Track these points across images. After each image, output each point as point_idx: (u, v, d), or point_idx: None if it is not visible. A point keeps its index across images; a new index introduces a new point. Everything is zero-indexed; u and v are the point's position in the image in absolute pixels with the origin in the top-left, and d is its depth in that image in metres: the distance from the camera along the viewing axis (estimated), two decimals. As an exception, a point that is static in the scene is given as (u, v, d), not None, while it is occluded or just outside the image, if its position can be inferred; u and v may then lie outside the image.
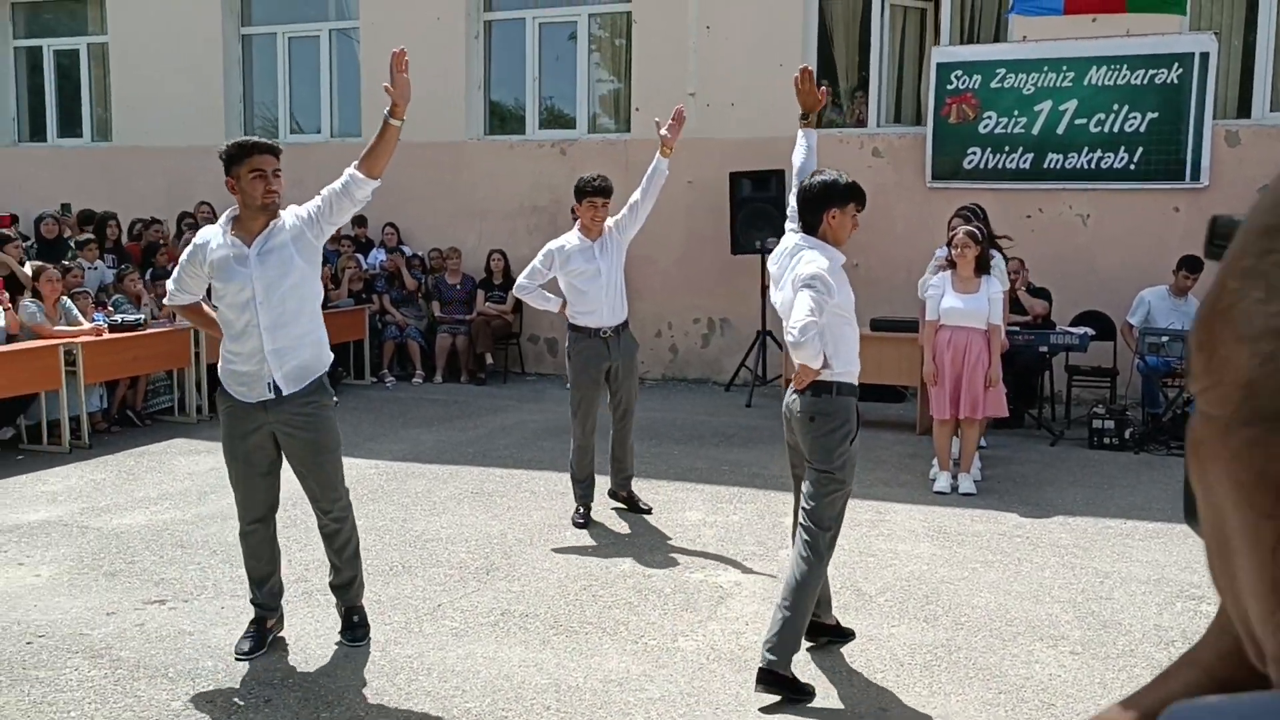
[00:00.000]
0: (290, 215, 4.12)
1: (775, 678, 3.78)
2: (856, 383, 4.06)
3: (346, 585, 4.37)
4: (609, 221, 5.95)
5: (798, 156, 4.46)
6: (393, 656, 4.22)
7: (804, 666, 4.10)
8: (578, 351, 6.00)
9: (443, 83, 12.09)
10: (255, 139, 4.17)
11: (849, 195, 4.01)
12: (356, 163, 4.08)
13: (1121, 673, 4.13)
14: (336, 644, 4.35)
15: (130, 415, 8.94)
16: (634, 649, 4.33)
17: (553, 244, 6.03)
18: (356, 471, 7.29)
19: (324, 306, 10.58)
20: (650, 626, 4.58)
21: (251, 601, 4.34)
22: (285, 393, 4.07)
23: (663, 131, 6.00)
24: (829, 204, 4.00)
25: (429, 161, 12.09)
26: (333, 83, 12.96)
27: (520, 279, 6.10)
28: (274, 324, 4.03)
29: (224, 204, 4.22)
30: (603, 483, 6.30)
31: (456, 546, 5.68)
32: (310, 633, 4.46)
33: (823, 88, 4.69)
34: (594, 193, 5.85)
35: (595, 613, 4.73)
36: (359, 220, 12.29)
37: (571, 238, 5.98)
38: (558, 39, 12.05)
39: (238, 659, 4.15)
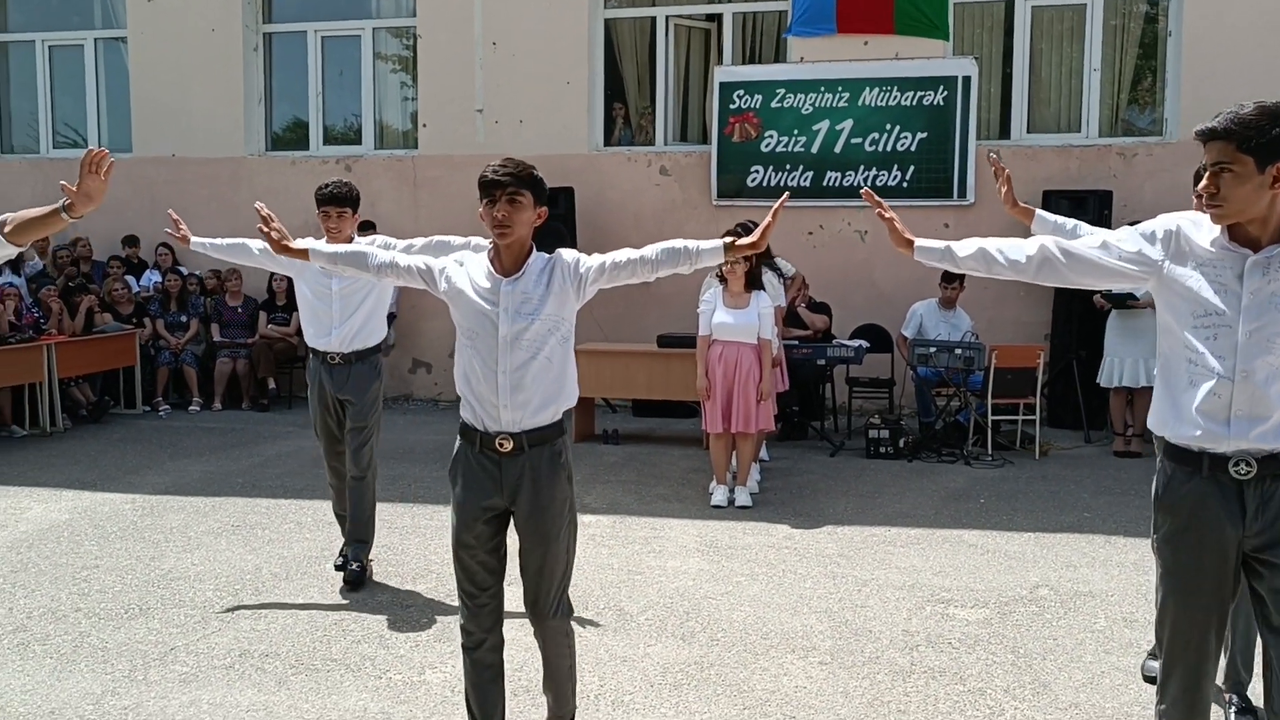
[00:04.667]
0: None
1: None
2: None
3: None
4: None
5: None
6: (106, 709, 3.88)
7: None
8: (308, 372, 5.48)
9: (220, 97, 11.59)
10: None
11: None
12: (8, 223, 3.37)
13: (865, 679, 4.18)
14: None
15: None
16: (376, 685, 4.13)
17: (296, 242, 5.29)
18: (110, 507, 6.83)
19: (89, 331, 9.99)
20: (398, 660, 4.38)
21: None
22: None
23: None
24: None
25: (207, 178, 11.58)
26: (100, 94, 12.23)
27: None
28: None
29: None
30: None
31: (204, 584, 5.33)
32: (16, 688, 4.07)
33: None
34: (326, 200, 5.15)
35: (342, 649, 4.50)
36: (130, 240, 11.62)
37: None
38: (342, 52, 11.70)
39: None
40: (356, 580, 5.30)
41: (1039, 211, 4.19)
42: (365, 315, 5.28)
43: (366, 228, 10.27)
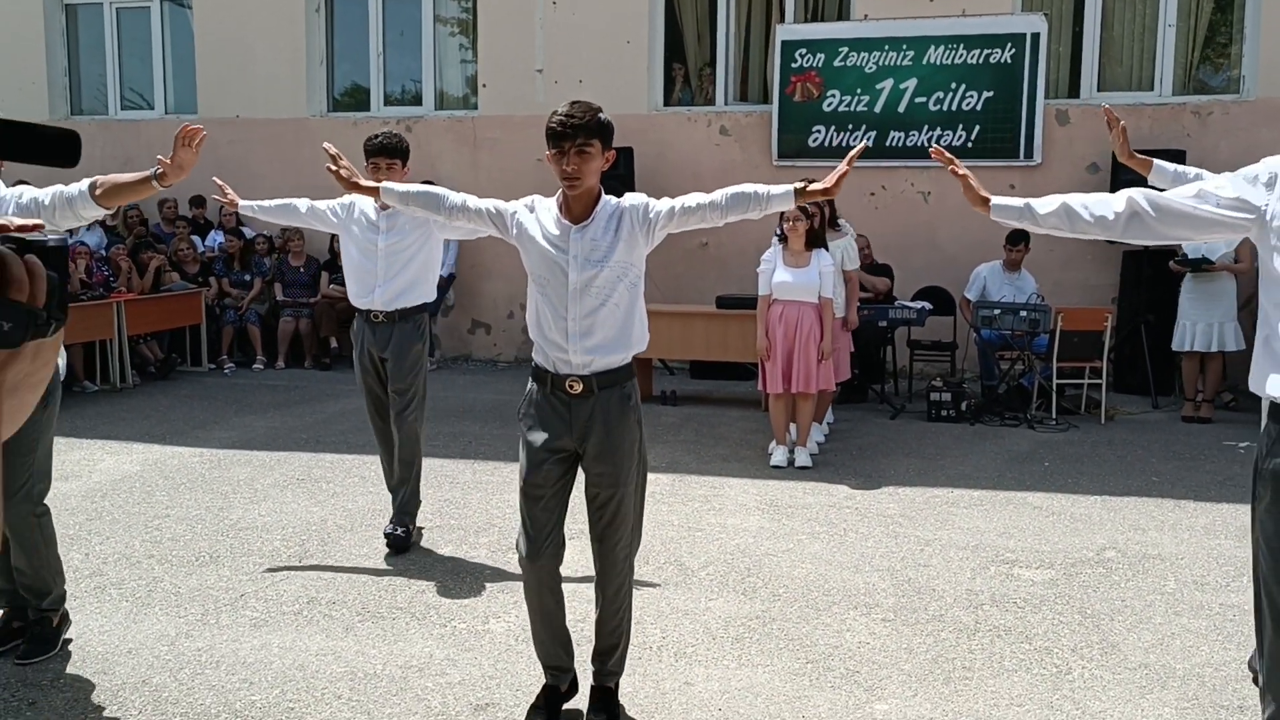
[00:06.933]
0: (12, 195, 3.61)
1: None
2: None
3: None
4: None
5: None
6: (180, 650, 3.98)
7: (613, 644, 4.02)
8: (353, 332, 5.36)
9: (283, 59, 11.67)
10: None
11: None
12: (99, 185, 3.52)
13: (929, 637, 4.15)
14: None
15: None
16: (441, 633, 4.18)
17: (347, 197, 5.14)
18: (179, 460, 6.97)
19: (157, 290, 10.17)
20: (462, 609, 4.43)
21: None
22: None
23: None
24: None
25: (270, 139, 11.69)
26: (166, 57, 12.38)
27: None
28: None
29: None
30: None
31: (272, 534, 5.43)
32: (94, 629, 4.18)
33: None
34: (376, 151, 4.97)
35: (407, 597, 4.56)
36: (197, 201, 11.79)
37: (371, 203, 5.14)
38: (402, 14, 11.72)
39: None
40: (399, 545, 5.16)
41: (1157, 162, 4.00)
42: (412, 274, 5.12)
43: (427, 188, 10.32)
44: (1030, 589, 4.69)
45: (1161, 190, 3.22)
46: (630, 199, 3.26)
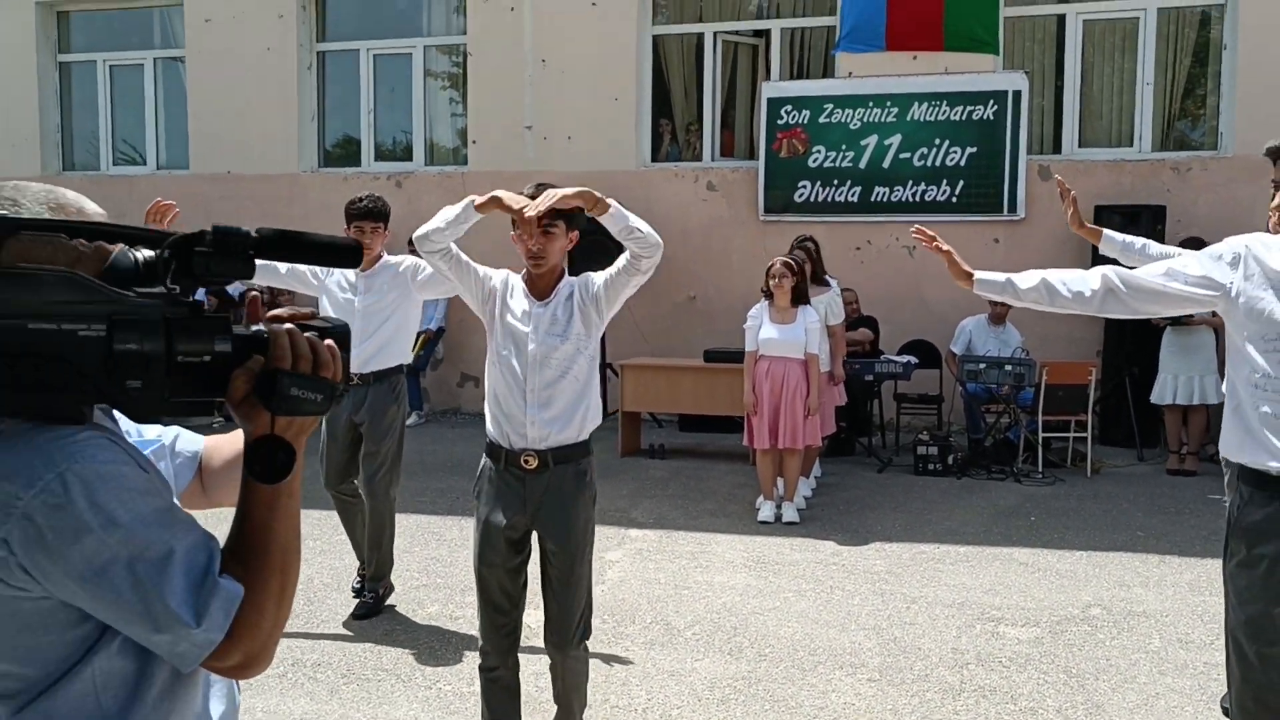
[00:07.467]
0: None
1: None
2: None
3: None
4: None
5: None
6: (163, 715, 3.96)
7: (599, 706, 4.02)
8: None
9: (275, 115, 11.79)
10: None
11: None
12: None
13: (914, 697, 4.16)
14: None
15: None
16: (426, 695, 4.17)
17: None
18: (165, 517, 6.94)
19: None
20: (449, 671, 4.43)
21: None
22: None
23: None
24: None
25: (262, 194, 11.75)
26: (158, 112, 12.49)
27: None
28: None
29: None
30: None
31: (257, 594, 5.40)
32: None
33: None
34: (360, 215, 4.98)
35: (392, 659, 4.55)
36: (187, 255, 11.84)
37: None
38: (393, 70, 11.87)
39: None
40: (366, 612, 5.10)
41: (1106, 231, 4.13)
42: (387, 334, 5.06)
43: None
44: (1016, 648, 4.70)
45: (1113, 259, 3.35)
46: (582, 276, 3.36)
